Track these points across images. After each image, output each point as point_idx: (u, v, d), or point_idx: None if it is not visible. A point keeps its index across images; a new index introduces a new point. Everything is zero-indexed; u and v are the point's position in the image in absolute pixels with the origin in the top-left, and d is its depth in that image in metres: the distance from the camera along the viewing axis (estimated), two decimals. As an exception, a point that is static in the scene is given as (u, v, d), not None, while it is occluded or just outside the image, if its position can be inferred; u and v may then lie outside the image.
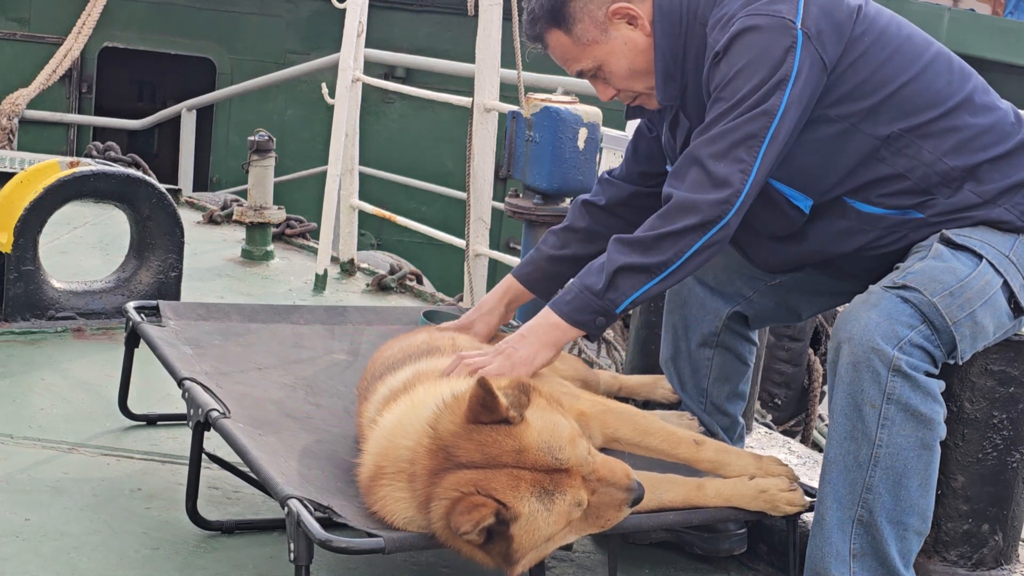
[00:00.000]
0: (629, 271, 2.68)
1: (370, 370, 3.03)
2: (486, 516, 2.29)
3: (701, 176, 2.67)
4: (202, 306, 3.68)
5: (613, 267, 2.69)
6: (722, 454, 2.82)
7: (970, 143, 2.74)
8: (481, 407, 2.37)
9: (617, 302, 2.70)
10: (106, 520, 3.04)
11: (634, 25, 2.87)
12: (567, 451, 2.39)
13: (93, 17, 11.39)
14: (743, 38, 2.69)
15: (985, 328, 2.65)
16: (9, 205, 4.55)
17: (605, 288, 2.70)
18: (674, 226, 2.67)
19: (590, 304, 2.72)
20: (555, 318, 2.76)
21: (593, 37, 2.87)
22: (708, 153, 2.68)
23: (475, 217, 5.42)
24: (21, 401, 3.87)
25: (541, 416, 2.42)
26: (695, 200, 2.66)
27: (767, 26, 2.68)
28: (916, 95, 2.74)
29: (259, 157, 6.45)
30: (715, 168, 2.66)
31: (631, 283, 2.69)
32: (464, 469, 2.36)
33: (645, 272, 2.68)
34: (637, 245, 2.69)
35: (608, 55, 2.89)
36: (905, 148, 2.74)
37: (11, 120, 10.98)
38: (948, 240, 2.70)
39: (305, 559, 2.39)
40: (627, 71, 2.90)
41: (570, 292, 2.76)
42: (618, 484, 2.46)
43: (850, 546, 2.62)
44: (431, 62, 7.87)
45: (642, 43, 2.87)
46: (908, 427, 2.57)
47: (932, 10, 11.99)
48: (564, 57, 2.94)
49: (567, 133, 4.34)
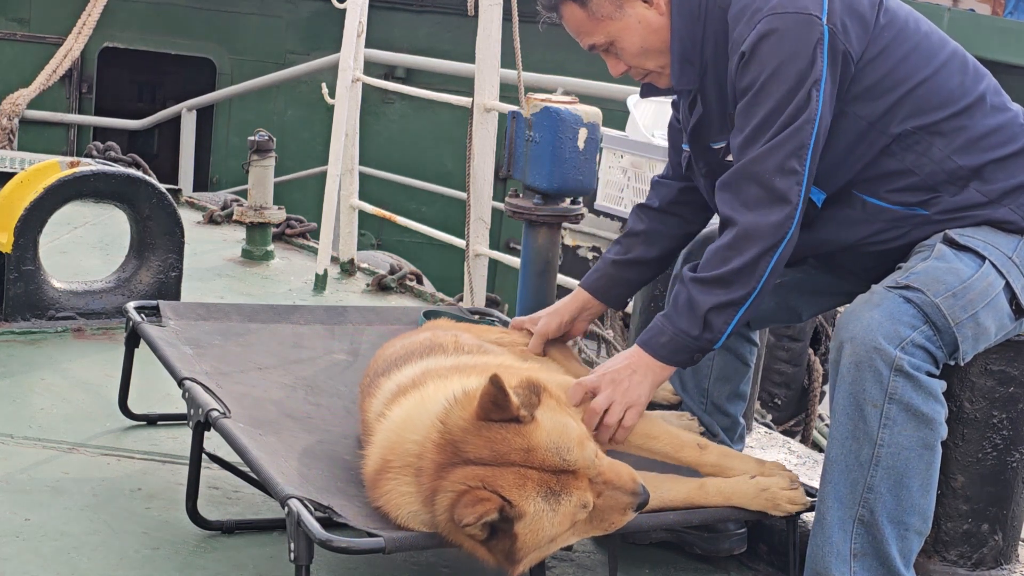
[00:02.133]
0: (718, 309, 2.71)
1: (374, 367, 3.04)
2: (490, 510, 2.30)
3: (760, 194, 2.68)
4: (202, 306, 3.68)
5: (703, 310, 2.71)
6: (725, 458, 2.83)
7: (979, 142, 2.75)
8: (492, 404, 2.38)
9: (715, 340, 2.75)
10: (106, 520, 3.04)
11: (649, 4, 2.87)
12: (575, 453, 2.40)
13: (93, 17, 11.38)
14: (770, 39, 2.68)
15: (987, 329, 2.65)
16: (9, 205, 4.55)
17: (701, 331, 2.73)
18: (747, 256, 2.68)
19: (689, 346, 2.75)
20: (654, 361, 2.78)
21: (607, 12, 2.88)
22: (764, 169, 2.68)
23: (475, 217, 5.42)
24: (21, 401, 3.87)
25: (551, 417, 2.43)
26: (760, 224, 2.67)
27: (793, 23, 2.68)
28: (932, 93, 2.75)
29: (259, 157, 6.45)
30: (773, 184, 2.67)
31: (723, 319, 2.72)
32: (472, 465, 2.37)
33: (733, 306, 2.71)
34: (718, 284, 2.70)
35: (621, 31, 2.89)
36: (916, 145, 2.75)
37: (11, 120, 10.98)
38: (951, 240, 2.70)
39: (305, 559, 2.40)
40: (639, 49, 2.91)
41: (664, 335, 2.76)
42: (624, 488, 2.47)
43: (851, 546, 2.62)
44: (431, 62, 7.87)
45: (656, 22, 2.88)
46: (910, 427, 2.57)
47: (932, 10, 11.98)
48: (577, 30, 2.94)
49: (567, 133, 4.33)
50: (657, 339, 2.77)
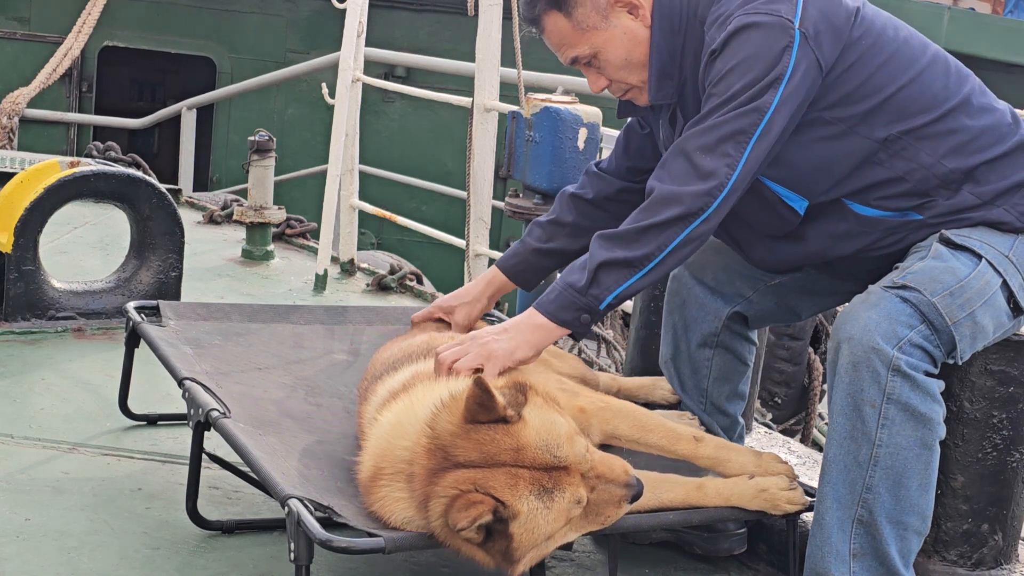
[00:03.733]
0: (612, 266, 2.67)
1: (370, 371, 3.04)
2: (483, 513, 2.29)
3: (686, 168, 2.67)
4: (202, 306, 3.68)
5: (595, 263, 2.68)
6: (721, 451, 2.82)
7: (968, 145, 2.74)
8: (478, 406, 2.38)
9: (601, 298, 2.68)
10: (106, 520, 3.04)
11: (634, 15, 2.84)
12: (565, 448, 2.39)
13: (93, 16, 11.39)
14: (740, 35, 2.68)
15: (985, 328, 2.65)
16: (9, 205, 4.55)
17: (588, 284, 2.68)
18: (656, 218, 2.65)
19: (574, 301, 2.70)
20: (540, 318, 2.74)
21: (593, 23, 2.84)
22: (695, 146, 2.67)
23: (475, 217, 5.42)
24: (21, 401, 3.87)
25: (538, 414, 2.42)
26: (678, 192, 2.65)
27: (765, 24, 2.67)
28: (913, 98, 2.74)
29: (259, 157, 6.45)
30: (701, 161, 2.65)
31: (614, 278, 2.67)
32: (463, 468, 2.36)
33: (628, 266, 2.67)
34: (619, 239, 2.68)
35: (606, 43, 2.85)
36: (903, 151, 2.74)
37: (11, 119, 10.99)
38: (947, 240, 2.69)
39: (305, 559, 2.40)
40: (623, 61, 2.87)
41: (553, 291, 2.75)
42: (617, 480, 2.46)
43: (850, 546, 2.62)
44: (431, 62, 7.87)
45: (641, 34, 2.85)
46: (908, 427, 2.57)
47: (932, 9, 11.99)
48: (560, 42, 2.89)
49: (567, 133, 4.34)
50: (547, 296, 2.75)
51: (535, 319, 2.75)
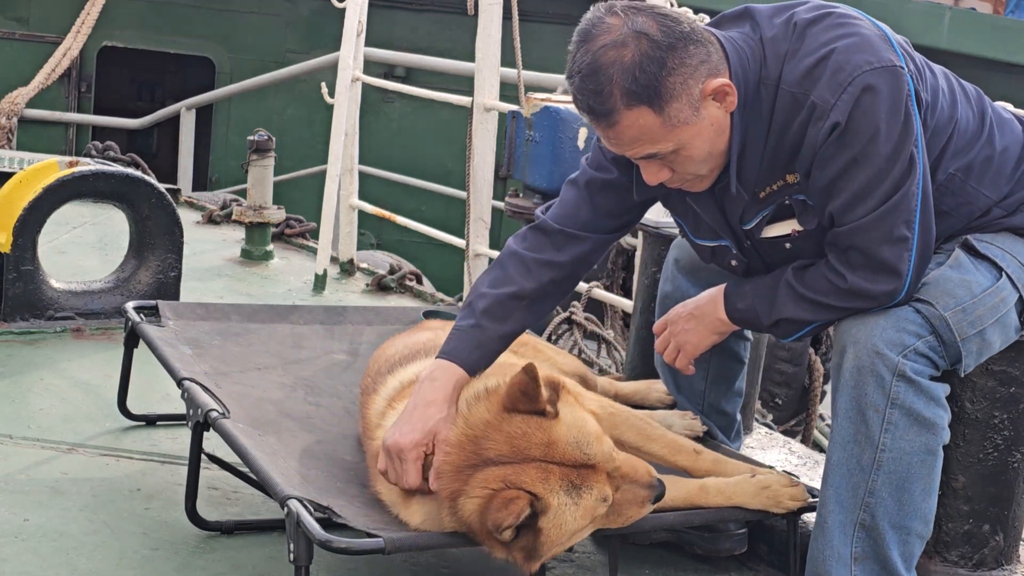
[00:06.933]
0: (792, 322, 2.69)
1: (375, 366, 3.04)
2: (523, 508, 2.32)
3: (868, 263, 2.55)
4: (201, 306, 3.68)
5: (781, 315, 2.69)
6: (719, 464, 2.86)
7: (1002, 169, 2.68)
8: (522, 394, 2.41)
9: (776, 336, 2.79)
10: (106, 520, 3.04)
11: (720, 102, 2.52)
12: (595, 447, 2.43)
13: (92, 16, 11.38)
14: (865, 100, 2.46)
15: (992, 344, 2.63)
16: (8, 205, 4.54)
17: (770, 326, 2.74)
18: (845, 304, 2.60)
19: (755, 325, 2.79)
20: (723, 314, 2.81)
21: (685, 117, 2.48)
22: (872, 239, 2.53)
23: (475, 217, 5.41)
24: (21, 401, 3.86)
25: (571, 412, 2.47)
26: (871, 291, 2.56)
27: (886, 82, 2.47)
28: (963, 129, 2.66)
29: (258, 157, 6.45)
30: (881, 255, 2.53)
31: (792, 328, 2.71)
32: (492, 466, 2.37)
33: (807, 324, 2.69)
34: (808, 304, 2.65)
35: (693, 137, 2.52)
36: (955, 186, 2.67)
37: (10, 119, 10.98)
38: (970, 247, 2.66)
39: (305, 559, 2.39)
40: (706, 154, 2.56)
41: (744, 300, 2.76)
42: (640, 481, 2.50)
43: (851, 549, 2.61)
44: (431, 61, 7.87)
45: (725, 122, 2.54)
46: (912, 432, 2.56)
47: (933, 9, 11.97)
48: (638, 138, 2.51)
49: (567, 133, 4.34)
50: (737, 303, 2.78)
51: (719, 313, 2.82)
